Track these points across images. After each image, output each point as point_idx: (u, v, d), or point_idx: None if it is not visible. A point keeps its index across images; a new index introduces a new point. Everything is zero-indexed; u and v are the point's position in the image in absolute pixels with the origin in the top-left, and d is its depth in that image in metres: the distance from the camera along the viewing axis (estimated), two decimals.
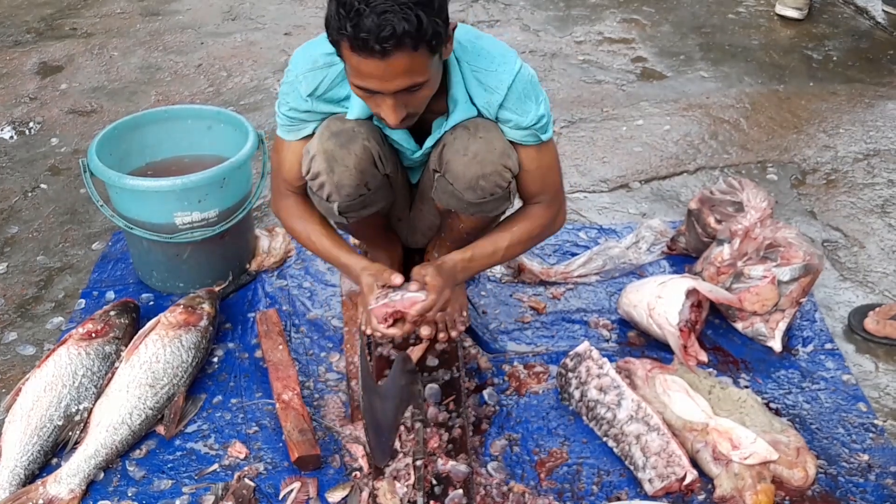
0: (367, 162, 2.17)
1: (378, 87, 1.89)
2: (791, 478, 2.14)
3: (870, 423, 2.36)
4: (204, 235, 2.71)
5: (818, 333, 2.67)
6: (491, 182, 2.17)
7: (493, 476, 2.19)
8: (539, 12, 5.16)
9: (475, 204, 2.23)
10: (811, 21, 4.96)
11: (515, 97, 2.11)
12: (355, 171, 2.16)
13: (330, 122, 2.17)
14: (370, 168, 2.19)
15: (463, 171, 2.16)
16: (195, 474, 2.22)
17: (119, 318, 2.56)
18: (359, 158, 2.15)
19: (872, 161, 3.61)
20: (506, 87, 2.09)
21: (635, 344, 2.64)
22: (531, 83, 2.14)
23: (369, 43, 1.78)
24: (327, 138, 2.15)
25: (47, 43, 4.80)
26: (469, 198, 2.21)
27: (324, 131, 2.17)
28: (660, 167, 3.60)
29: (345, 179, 2.17)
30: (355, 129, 2.15)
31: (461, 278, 2.31)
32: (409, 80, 1.88)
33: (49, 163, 3.64)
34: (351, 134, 2.14)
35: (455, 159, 2.16)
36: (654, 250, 3.00)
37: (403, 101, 1.95)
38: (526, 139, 2.19)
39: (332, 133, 2.15)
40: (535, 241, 2.42)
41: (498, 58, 2.10)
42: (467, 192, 2.19)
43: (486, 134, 2.14)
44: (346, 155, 2.14)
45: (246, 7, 5.28)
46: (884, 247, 3.07)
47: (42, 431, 2.25)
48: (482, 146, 2.13)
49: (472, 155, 2.14)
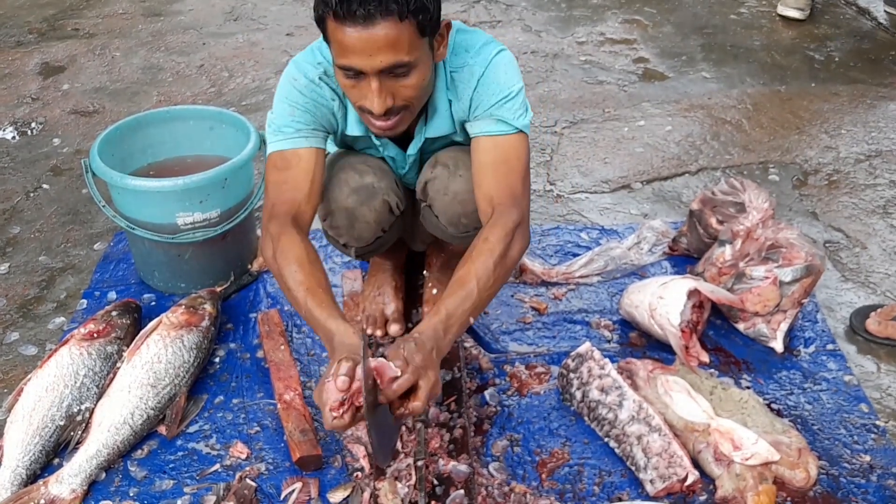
0: (385, 213, 2.21)
1: (361, 63, 1.83)
2: (793, 479, 2.14)
3: (871, 423, 2.36)
4: (206, 236, 2.71)
5: (820, 334, 2.67)
6: (473, 219, 2.19)
7: (495, 476, 2.19)
8: (541, 13, 5.16)
9: (459, 237, 2.26)
10: (813, 22, 4.96)
11: (485, 83, 2.06)
12: (374, 224, 2.21)
13: (347, 176, 2.16)
14: (387, 217, 2.22)
15: (445, 209, 2.19)
16: (197, 474, 2.22)
17: (121, 319, 2.57)
18: (378, 213, 2.18)
19: (874, 162, 3.61)
20: (476, 79, 2.06)
21: (637, 345, 2.64)
22: (507, 67, 2.08)
23: (352, 6, 1.75)
24: (347, 195, 2.14)
25: (49, 43, 4.80)
26: (452, 232, 2.26)
27: (343, 187, 2.15)
28: (661, 168, 3.60)
29: (364, 233, 2.21)
30: (374, 185, 2.16)
31: (447, 341, 1.92)
32: (393, 55, 1.83)
33: (51, 163, 3.64)
34: (371, 190, 2.15)
35: (437, 198, 2.19)
36: (656, 251, 3.00)
37: (389, 89, 1.89)
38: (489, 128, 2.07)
39: (351, 189, 2.15)
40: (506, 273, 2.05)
41: (472, 51, 2.07)
42: (450, 227, 2.24)
43: (466, 172, 2.13)
44: (366, 212, 2.17)
45: (248, 8, 5.29)
46: (886, 247, 3.07)
47: (44, 431, 2.25)
48: (462, 186, 2.13)
49: (453, 195, 2.15)
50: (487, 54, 2.07)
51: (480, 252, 1.96)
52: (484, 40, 2.11)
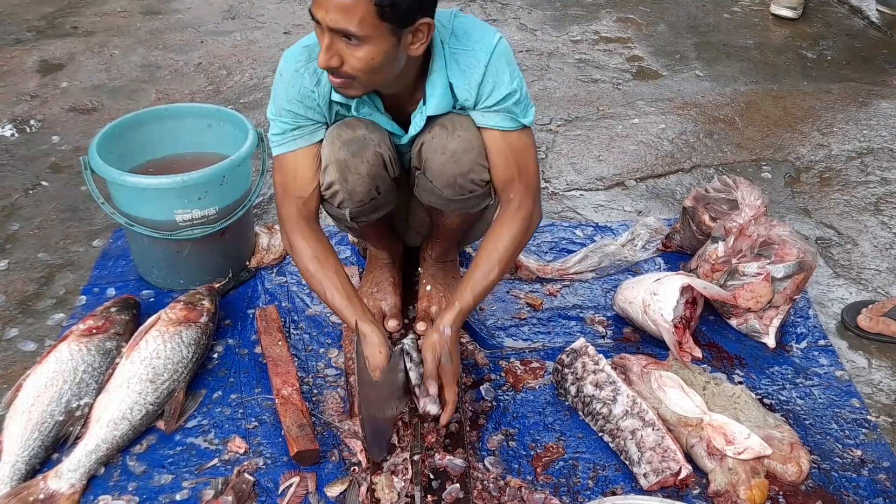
0: (379, 167, 2.20)
1: (319, 14, 1.90)
2: (785, 473, 2.16)
3: (863, 418, 2.38)
4: (204, 232, 2.72)
5: (812, 330, 2.69)
6: (469, 180, 2.20)
7: (490, 470, 2.21)
8: (536, 12, 5.18)
9: (455, 200, 2.26)
10: (806, 20, 4.98)
11: (493, 71, 2.12)
12: (367, 177, 2.19)
13: (339, 130, 2.18)
14: (381, 173, 2.22)
15: (441, 169, 2.19)
16: (195, 469, 2.23)
17: (120, 315, 2.58)
18: (371, 165, 2.18)
19: (866, 159, 3.63)
20: (483, 66, 2.11)
21: (630, 340, 2.66)
22: (509, 56, 2.16)
23: None
24: (339, 147, 2.16)
25: (48, 41, 4.80)
26: (448, 195, 2.24)
27: (334, 140, 2.17)
28: (655, 165, 3.62)
29: (358, 186, 2.20)
30: (366, 136, 2.17)
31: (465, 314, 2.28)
32: (343, 21, 1.88)
33: (50, 160, 3.65)
34: (362, 142, 2.16)
35: (433, 158, 2.19)
36: (650, 248, 3.02)
37: (338, 51, 1.94)
38: (500, 123, 2.19)
39: (343, 142, 2.16)
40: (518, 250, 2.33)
41: (475, 36, 2.12)
42: (446, 189, 2.23)
43: (464, 132, 2.16)
44: (358, 163, 2.16)
45: (246, 6, 5.29)
46: (877, 244, 3.09)
47: (43, 427, 2.25)
48: (459, 144, 2.15)
49: (451, 154, 2.16)
50: (490, 41, 2.12)
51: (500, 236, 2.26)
52: (481, 25, 2.17)
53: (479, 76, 2.12)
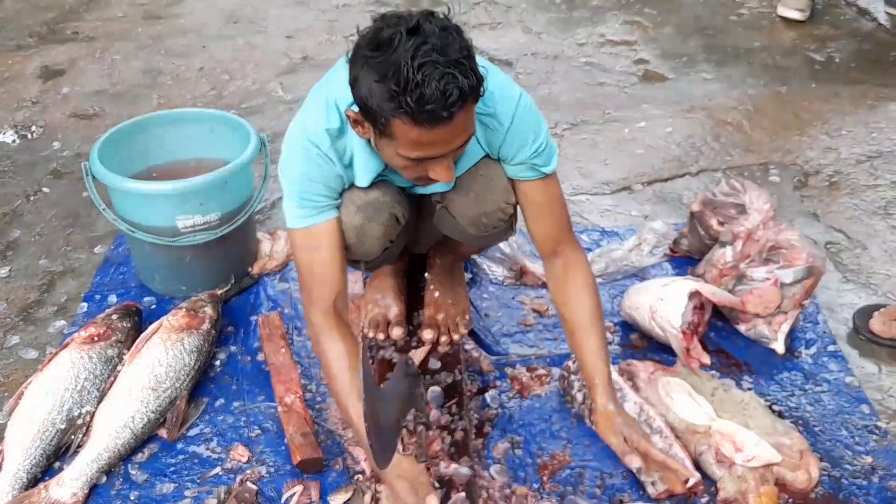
0: (393, 226, 2.21)
1: (440, 151, 1.81)
2: (794, 480, 2.14)
3: (873, 425, 2.36)
4: (206, 239, 2.71)
5: (821, 336, 2.67)
6: (493, 218, 2.20)
7: (496, 479, 2.19)
8: (541, 14, 5.16)
9: (477, 237, 2.26)
10: (813, 23, 4.95)
11: (515, 133, 2.08)
12: (383, 238, 2.21)
13: (352, 196, 2.14)
14: (394, 228, 2.22)
15: (465, 209, 2.19)
16: (197, 478, 2.22)
17: (121, 322, 2.57)
18: (386, 227, 2.18)
19: (875, 163, 3.60)
20: (505, 129, 2.06)
21: (638, 346, 2.64)
22: (530, 114, 2.10)
23: (436, 112, 1.68)
24: (354, 213, 2.13)
25: (49, 47, 4.81)
26: (472, 232, 2.25)
27: (349, 205, 2.13)
28: (662, 169, 3.60)
29: (373, 248, 2.22)
30: (380, 199, 2.14)
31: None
32: (467, 134, 1.83)
33: (51, 166, 3.65)
34: (377, 205, 2.14)
35: (456, 198, 2.18)
36: (657, 252, 3.00)
37: (454, 156, 1.90)
38: (527, 174, 2.15)
39: (357, 207, 2.13)
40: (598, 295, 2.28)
41: (497, 94, 2.03)
42: (470, 227, 2.23)
43: (487, 171, 2.13)
44: (374, 227, 2.16)
45: (248, 11, 5.28)
46: (887, 248, 3.07)
47: (44, 435, 2.25)
48: (483, 184, 2.13)
49: (475, 194, 2.15)
50: (511, 102, 2.05)
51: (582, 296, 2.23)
52: (502, 83, 2.07)
53: (500, 138, 2.08)
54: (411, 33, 1.67)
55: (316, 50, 4.72)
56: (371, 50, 1.71)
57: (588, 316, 2.22)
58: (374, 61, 1.70)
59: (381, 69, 1.69)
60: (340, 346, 2.09)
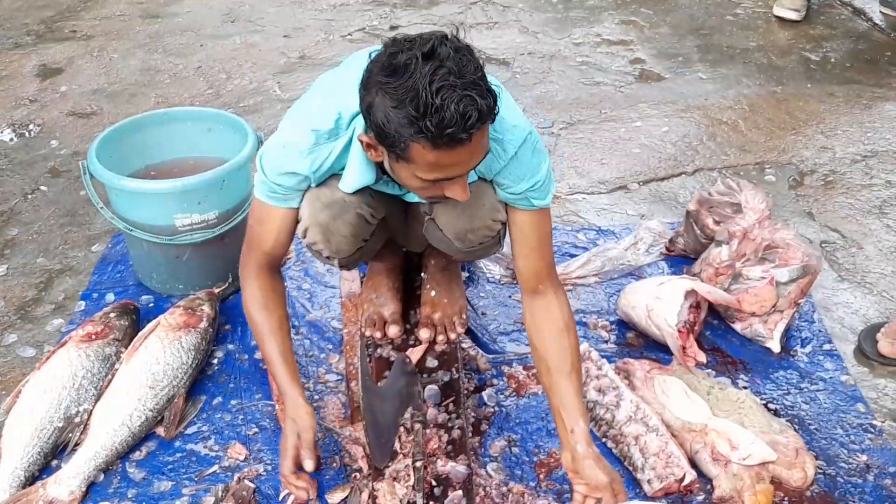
0: (360, 226, 2.18)
1: (459, 172, 1.81)
2: (790, 478, 2.14)
3: (868, 423, 2.37)
4: (204, 237, 2.71)
5: (816, 334, 2.68)
6: (480, 234, 2.19)
7: (493, 477, 2.20)
8: (537, 14, 5.16)
9: (465, 251, 2.26)
10: (809, 22, 4.96)
11: (516, 165, 2.06)
12: (351, 237, 2.18)
13: (318, 192, 2.12)
14: (364, 229, 2.20)
15: (451, 224, 2.18)
16: (195, 476, 2.23)
17: (119, 320, 2.57)
18: (353, 226, 2.15)
19: (870, 162, 3.61)
20: (508, 158, 2.04)
21: (634, 345, 2.65)
22: (536, 153, 2.07)
23: (456, 135, 1.67)
24: (319, 210, 2.12)
25: (47, 45, 4.80)
26: (459, 246, 2.24)
27: (314, 202, 2.12)
28: (658, 168, 3.60)
29: (342, 245, 2.19)
30: (346, 199, 2.11)
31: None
32: (484, 152, 1.82)
33: (49, 165, 3.64)
34: (342, 204, 2.11)
35: (443, 213, 2.18)
36: (653, 251, 3.00)
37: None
38: (520, 203, 2.14)
39: (323, 204, 2.11)
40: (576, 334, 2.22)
41: (507, 121, 1.99)
42: (456, 241, 2.23)
43: (476, 189, 2.10)
44: (340, 226, 2.14)
45: (245, 10, 5.28)
46: (882, 247, 3.08)
47: (42, 433, 2.25)
48: (471, 202, 2.10)
49: (461, 210, 2.13)
50: (520, 133, 2.03)
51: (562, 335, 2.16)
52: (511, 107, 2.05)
53: (499, 167, 2.06)
54: (427, 58, 1.66)
55: (313, 49, 4.72)
56: (386, 76, 1.70)
57: (568, 358, 2.13)
58: (391, 87, 1.69)
59: (399, 95, 1.68)
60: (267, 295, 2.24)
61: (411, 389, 2.21)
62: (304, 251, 3.02)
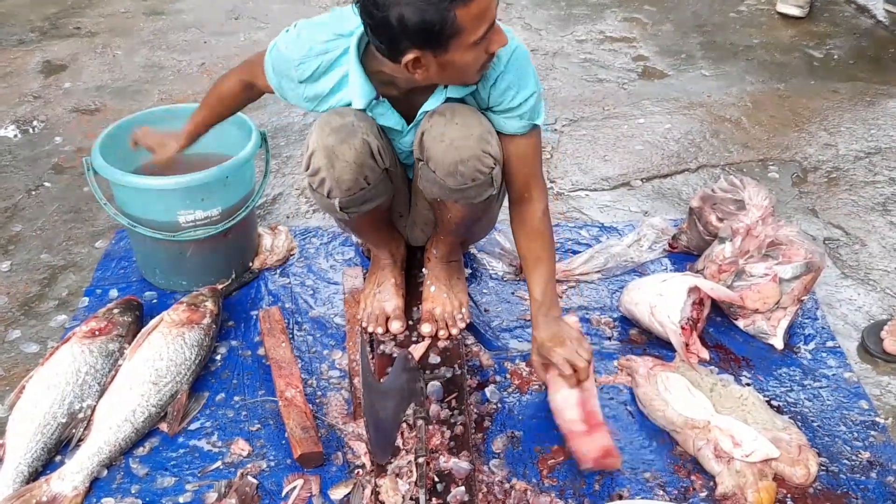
0: (366, 155, 2.18)
1: (493, 12, 1.94)
2: (793, 475, 2.14)
3: (871, 420, 2.37)
4: (207, 233, 2.71)
5: (820, 331, 2.67)
6: (470, 167, 2.18)
7: (495, 473, 2.20)
8: (541, 11, 5.16)
9: (457, 190, 2.24)
10: (812, 19, 4.96)
11: (511, 72, 2.16)
12: (355, 164, 2.17)
13: (329, 118, 2.18)
14: (369, 161, 2.20)
15: (442, 157, 2.18)
16: (198, 471, 2.23)
17: (122, 316, 2.57)
18: (358, 152, 2.16)
19: (874, 159, 3.61)
20: (503, 64, 2.14)
21: (637, 342, 2.65)
22: (525, 62, 2.19)
23: None
24: (327, 134, 2.15)
25: (51, 42, 4.81)
26: (450, 184, 2.22)
27: (323, 127, 2.17)
28: (661, 165, 3.60)
29: (345, 174, 2.18)
30: (355, 123, 2.16)
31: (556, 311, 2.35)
32: None
33: (53, 161, 3.65)
34: (350, 129, 2.15)
35: (433, 146, 2.18)
36: (656, 248, 3.00)
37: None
38: (514, 123, 2.23)
39: (332, 129, 2.15)
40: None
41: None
42: (448, 178, 2.21)
43: (463, 119, 2.14)
44: (346, 150, 2.15)
45: (249, 6, 5.29)
46: (885, 244, 3.07)
47: (46, 429, 2.25)
48: (458, 132, 2.14)
49: (450, 141, 2.15)
50: (511, 43, 2.13)
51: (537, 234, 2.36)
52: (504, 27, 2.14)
53: (491, 78, 2.14)
54: None
55: None
56: None
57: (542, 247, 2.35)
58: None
59: None
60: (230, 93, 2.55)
61: (414, 386, 2.21)
62: (307, 248, 3.03)
